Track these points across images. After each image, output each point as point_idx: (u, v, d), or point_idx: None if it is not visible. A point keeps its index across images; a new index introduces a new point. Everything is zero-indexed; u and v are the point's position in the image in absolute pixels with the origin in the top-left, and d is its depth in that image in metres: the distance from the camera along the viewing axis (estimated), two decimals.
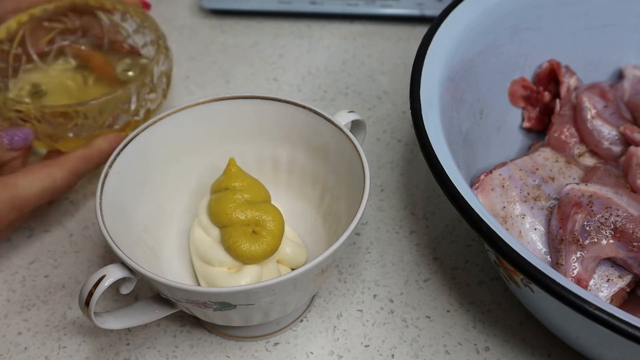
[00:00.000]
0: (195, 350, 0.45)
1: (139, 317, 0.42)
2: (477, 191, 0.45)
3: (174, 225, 0.47)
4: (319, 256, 0.37)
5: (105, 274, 0.38)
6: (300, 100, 0.46)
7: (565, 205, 0.42)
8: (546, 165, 0.47)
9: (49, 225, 0.52)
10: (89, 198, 0.54)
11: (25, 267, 0.50)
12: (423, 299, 0.47)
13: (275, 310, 0.40)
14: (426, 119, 0.41)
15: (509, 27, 0.50)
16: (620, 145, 0.48)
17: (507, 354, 0.44)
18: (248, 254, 0.41)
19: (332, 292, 0.48)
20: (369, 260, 0.50)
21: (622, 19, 0.53)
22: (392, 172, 0.56)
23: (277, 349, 0.45)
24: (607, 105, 0.50)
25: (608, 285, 0.42)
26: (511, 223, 0.44)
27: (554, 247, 0.42)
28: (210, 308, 0.38)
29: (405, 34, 0.69)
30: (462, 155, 0.45)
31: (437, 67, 0.45)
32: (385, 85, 0.64)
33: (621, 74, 0.54)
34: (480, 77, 0.49)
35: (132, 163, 0.44)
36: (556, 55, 0.53)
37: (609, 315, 0.32)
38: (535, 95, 0.53)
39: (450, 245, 0.51)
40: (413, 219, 0.52)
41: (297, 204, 0.49)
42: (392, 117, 0.60)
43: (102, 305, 0.47)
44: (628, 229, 0.41)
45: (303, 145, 0.47)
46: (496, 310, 0.47)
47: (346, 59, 0.66)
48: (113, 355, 0.45)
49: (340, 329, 0.46)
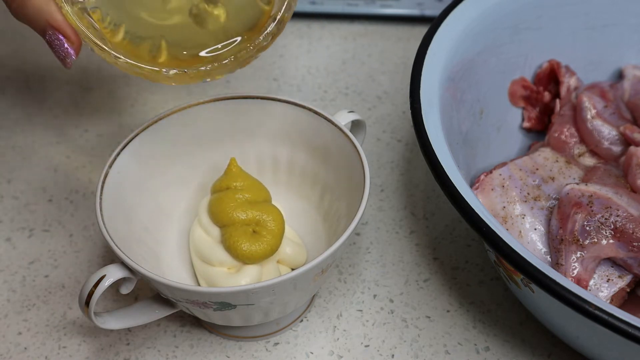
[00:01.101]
0: (195, 350, 0.45)
1: (139, 317, 0.42)
2: (477, 191, 0.45)
3: (174, 225, 0.47)
4: (319, 256, 0.37)
5: (105, 274, 0.38)
6: (300, 100, 0.46)
7: (565, 205, 0.42)
8: (546, 165, 0.47)
9: (48, 225, 0.52)
10: (89, 198, 0.54)
11: (25, 267, 0.50)
12: (423, 299, 0.47)
13: (275, 310, 0.40)
14: (426, 119, 0.41)
15: (509, 27, 0.50)
16: (620, 145, 0.48)
17: (507, 354, 0.44)
18: (248, 253, 0.41)
19: (332, 292, 0.48)
20: (369, 260, 0.50)
21: (622, 19, 0.53)
22: (392, 172, 0.56)
23: (277, 349, 0.45)
24: (607, 105, 0.50)
25: (608, 285, 0.42)
26: (511, 223, 0.44)
27: (554, 247, 0.42)
28: (210, 308, 0.38)
29: (405, 34, 0.69)
30: (462, 155, 0.45)
31: (437, 67, 0.45)
32: (385, 85, 0.64)
33: (621, 74, 0.54)
34: (480, 77, 0.49)
35: (132, 163, 0.44)
36: (556, 55, 0.53)
37: (609, 315, 0.32)
38: (535, 95, 0.53)
39: (450, 245, 0.51)
40: (413, 219, 0.52)
41: (297, 204, 0.49)
42: (392, 117, 0.60)
43: (102, 305, 0.47)
44: (628, 229, 0.41)
45: (303, 145, 0.47)
46: (496, 310, 0.47)
47: (346, 59, 0.66)
48: (113, 355, 0.45)
49: (340, 329, 0.46)
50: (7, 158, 0.57)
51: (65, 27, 0.37)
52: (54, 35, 0.37)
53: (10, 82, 0.64)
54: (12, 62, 0.66)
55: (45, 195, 0.54)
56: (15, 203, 0.54)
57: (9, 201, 0.54)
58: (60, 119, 0.60)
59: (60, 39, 0.37)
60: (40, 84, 0.64)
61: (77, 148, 0.58)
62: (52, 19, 0.37)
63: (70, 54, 0.38)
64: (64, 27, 0.37)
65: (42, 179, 0.56)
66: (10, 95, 0.63)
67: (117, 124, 0.60)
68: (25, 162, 0.57)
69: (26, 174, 0.56)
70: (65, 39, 0.37)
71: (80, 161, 0.57)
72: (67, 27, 0.37)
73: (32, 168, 0.56)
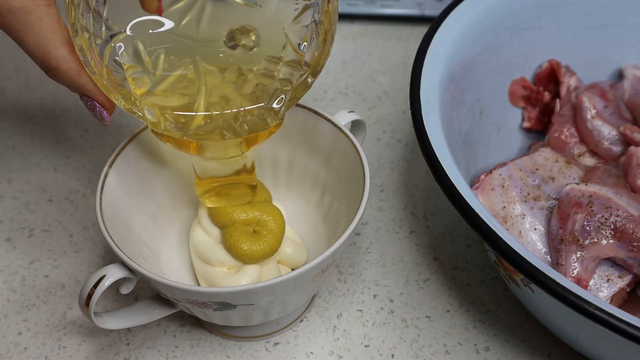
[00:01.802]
0: (195, 350, 0.45)
1: (139, 317, 0.42)
2: (477, 191, 0.45)
3: (174, 225, 0.47)
4: (319, 256, 0.37)
5: (105, 274, 0.38)
6: (300, 100, 0.46)
7: (565, 205, 0.42)
8: (546, 165, 0.47)
9: (48, 225, 0.52)
10: (89, 198, 0.54)
11: (25, 267, 0.50)
12: (423, 299, 0.47)
13: (275, 310, 0.40)
14: (426, 119, 0.41)
15: (509, 27, 0.50)
16: (620, 145, 0.48)
17: (507, 354, 0.44)
18: (249, 253, 0.41)
19: (332, 292, 0.48)
20: (369, 260, 0.50)
21: (622, 19, 0.53)
22: (392, 172, 0.56)
23: (277, 349, 0.45)
24: (607, 105, 0.50)
25: (608, 285, 0.41)
26: (511, 223, 0.44)
27: (554, 247, 0.42)
28: (210, 308, 0.38)
29: (405, 34, 0.69)
30: (462, 155, 0.45)
31: (437, 67, 0.45)
32: (385, 85, 0.64)
33: (621, 74, 0.54)
34: (480, 77, 0.49)
35: (132, 163, 0.44)
36: (556, 55, 0.53)
37: (609, 315, 0.32)
38: (535, 95, 0.53)
39: (450, 245, 0.51)
40: (413, 219, 0.52)
41: (297, 204, 0.49)
42: (392, 117, 0.60)
43: (102, 305, 0.47)
44: (628, 229, 0.41)
45: (303, 145, 0.47)
46: (496, 310, 0.47)
47: (346, 59, 0.66)
48: (113, 355, 0.45)
49: (340, 329, 0.46)
50: (7, 158, 0.57)
51: (98, 95, 0.38)
52: (89, 101, 0.39)
53: (10, 82, 0.64)
54: (12, 62, 0.66)
55: (45, 195, 0.54)
56: (15, 203, 0.54)
57: (9, 201, 0.54)
58: (60, 119, 0.60)
59: (95, 105, 0.39)
60: (40, 84, 0.64)
61: (77, 148, 0.58)
62: (85, 90, 0.38)
63: (105, 117, 0.39)
64: (97, 96, 0.38)
65: (42, 179, 0.56)
66: (10, 95, 0.63)
67: (117, 124, 0.60)
68: (25, 162, 0.57)
69: (26, 174, 0.56)
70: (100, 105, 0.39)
71: (80, 161, 0.57)
72: (100, 95, 0.38)
73: (32, 168, 0.56)
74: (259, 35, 0.36)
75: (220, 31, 0.36)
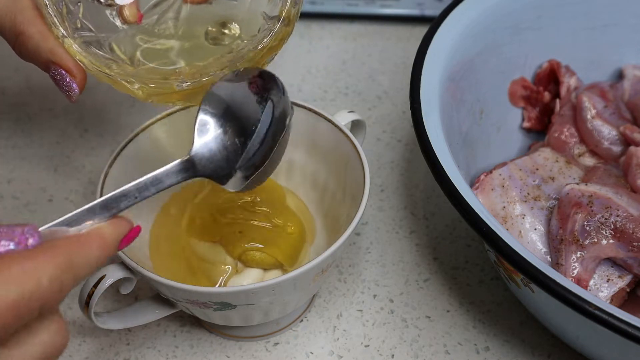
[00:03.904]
0: (195, 350, 0.45)
1: (139, 317, 0.42)
2: (477, 191, 0.45)
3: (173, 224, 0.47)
4: (319, 256, 0.37)
5: (105, 274, 0.38)
6: (300, 100, 0.46)
7: (565, 205, 0.42)
8: (546, 165, 0.47)
9: None
10: (89, 198, 0.54)
11: None
12: (423, 299, 0.47)
13: (275, 310, 0.40)
14: (426, 119, 0.41)
15: (509, 27, 0.50)
16: (620, 145, 0.48)
17: (507, 354, 0.44)
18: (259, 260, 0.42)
19: (332, 292, 0.48)
20: (369, 260, 0.50)
21: (622, 19, 0.53)
22: (392, 172, 0.56)
23: (277, 349, 0.45)
24: (607, 105, 0.50)
25: (608, 285, 0.42)
26: (511, 223, 0.44)
27: (554, 247, 0.42)
28: (210, 308, 0.38)
29: (405, 34, 0.69)
30: (462, 155, 0.45)
31: (437, 67, 0.45)
32: (385, 85, 0.64)
33: (621, 74, 0.54)
34: (480, 77, 0.49)
35: (132, 163, 0.44)
36: (556, 55, 0.53)
37: (609, 315, 0.32)
38: (535, 95, 0.53)
39: (450, 245, 0.51)
40: (413, 219, 0.52)
41: (297, 204, 0.49)
42: (392, 117, 0.60)
43: (102, 305, 0.47)
44: (628, 229, 0.41)
45: (303, 145, 0.47)
46: (496, 310, 0.47)
47: (346, 59, 0.66)
48: (113, 355, 0.45)
49: (340, 329, 0.46)
50: (7, 158, 0.57)
51: (66, 60, 0.36)
52: (56, 71, 0.36)
53: (10, 82, 0.64)
54: (12, 62, 0.66)
55: (45, 195, 0.54)
56: (15, 203, 0.54)
57: (9, 201, 0.54)
58: (60, 119, 0.60)
59: (62, 74, 0.36)
60: (40, 83, 0.64)
61: (77, 148, 0.58)
62: (51, 54, 0.36)
63: (73, 89, 0.37)
64: (64, 61, 0.36)
65: (42, 179, 0.56)
66: (10, 95, 0.63)
67: (117, 124, 0.60)
68: (25, 162, 0.57)
69: (26, 174, 0.56)
70: (67, 73, 0.36)
71: (80, 161, 0.57)
72: (69, 60, 0.36)
73: (32, 168, 0.56)
74: (240, 26, 0.37)
75: (200, 29, 0.36)
